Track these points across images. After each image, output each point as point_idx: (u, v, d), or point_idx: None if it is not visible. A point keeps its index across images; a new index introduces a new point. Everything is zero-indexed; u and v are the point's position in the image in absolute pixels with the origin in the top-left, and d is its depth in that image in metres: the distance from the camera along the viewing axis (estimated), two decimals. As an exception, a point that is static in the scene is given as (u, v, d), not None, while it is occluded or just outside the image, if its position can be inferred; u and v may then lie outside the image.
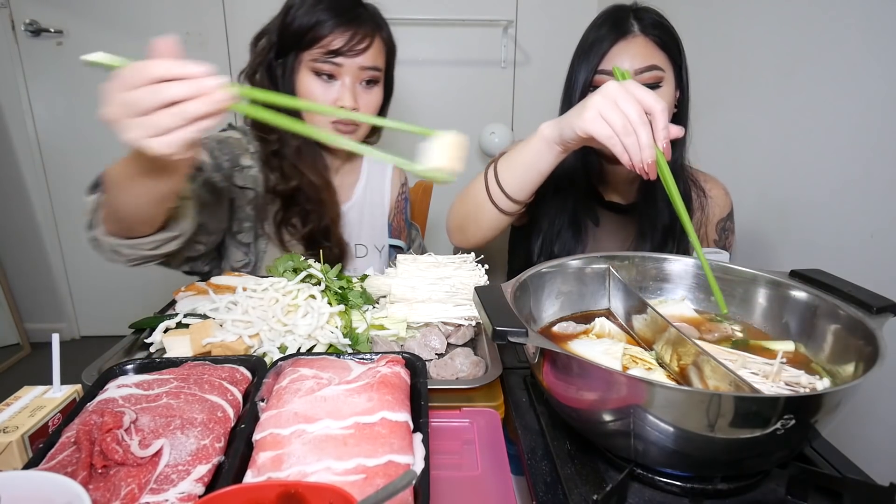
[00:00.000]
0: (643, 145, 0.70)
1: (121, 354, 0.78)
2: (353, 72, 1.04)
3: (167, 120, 0.56)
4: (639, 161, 0.71)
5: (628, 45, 0.99)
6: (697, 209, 1.12)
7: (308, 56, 1.03)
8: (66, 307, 2.57)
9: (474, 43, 2.36)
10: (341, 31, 1.01)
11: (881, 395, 1.06)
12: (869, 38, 1.08)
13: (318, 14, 1.01)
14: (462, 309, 0.85)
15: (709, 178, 1.16)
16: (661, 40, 1.00)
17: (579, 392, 0.55)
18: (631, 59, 0.99)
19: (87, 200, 0.85)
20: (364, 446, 0.49)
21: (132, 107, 0.56)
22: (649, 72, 0.99)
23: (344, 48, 1.01)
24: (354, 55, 1.02)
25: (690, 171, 1.14)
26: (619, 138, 0.71)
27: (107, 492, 0.46)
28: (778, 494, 0.55)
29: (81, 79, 2.27)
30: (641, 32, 1.00)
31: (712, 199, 1.13)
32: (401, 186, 1.34)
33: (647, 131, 0.70)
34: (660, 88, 1.00)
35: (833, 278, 0.68)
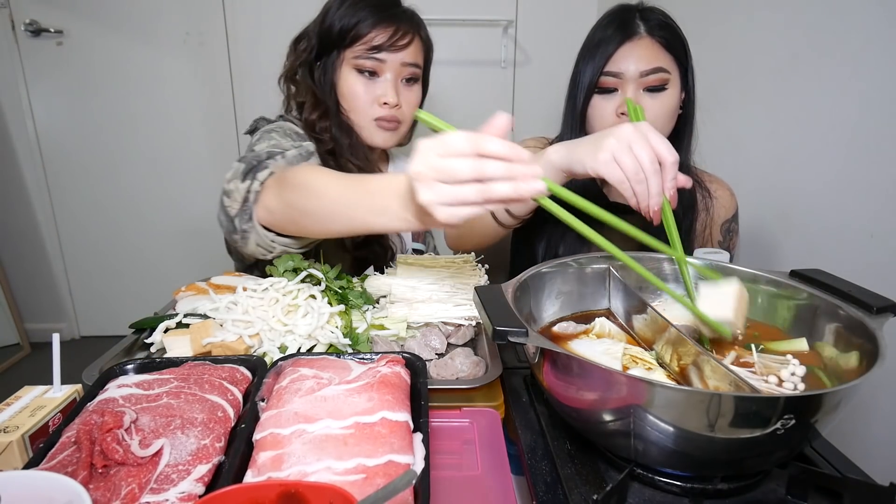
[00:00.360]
0: (652, 193, 0.71)
1: (121, 354, 0.78)
2: (395, 68, 1.05)
3: (471, 194, 0.54)
4: (646, 207, 0.72)
5: (634, 46, 0.99)
6: (702, 210, 1.12)
7: (350, 53, 1.04)
8: (66, 307, 2.57)
9: (474, 43, 2.36)
10: (384, 28, 1.03)
11: (881, 395, 1.06)
12: (869, 37, 1.08)
13: (360, 13, 1.03)
14: (462, 309, 0.85)
15: (714, 179, 1.15)
16: (668, 41, 1.00)
17: (579, 392, 0.55)
18: (637, 61, 0.98)
19: (241, 187, 0.81)
20: (364, 446, 0.49)
21: (445, 172, 0.53)
22: (655, 74, 0.98)
23: (387, 44, 1.03)
24: (396, 51, 1.04)
25: (696, 172, 1.14)
26: (629, 183, 0.71)
27: (107, 491, 0.46)
28: (778, 494, 0.55)
29: (81, 79, 2.28)
30: (648, 34, 1.00)
31: (717, 201, 1.13)
32: None
33: (657, 180, 0.70)
34: (665, 91, 1.00)
35: (833, 278, 0.68)
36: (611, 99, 1.01)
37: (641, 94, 1.00)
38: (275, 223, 0.80)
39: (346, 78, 1.05)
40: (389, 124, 1.08)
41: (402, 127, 1.11)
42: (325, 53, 1.07)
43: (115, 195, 2.39)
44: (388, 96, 1.05)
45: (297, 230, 0.79)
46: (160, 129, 2.36)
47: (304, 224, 0.77)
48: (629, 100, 0.91)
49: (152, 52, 2.28)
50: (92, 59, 2.26)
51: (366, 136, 1.09)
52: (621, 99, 0.99)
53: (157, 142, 2.36)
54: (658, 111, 1.00)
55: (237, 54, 2.29)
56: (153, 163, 2.37)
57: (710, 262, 0.79)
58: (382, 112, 1.06)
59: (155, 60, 2.29)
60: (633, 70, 0.98)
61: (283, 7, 2.19)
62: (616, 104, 1.01)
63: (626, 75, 0.99)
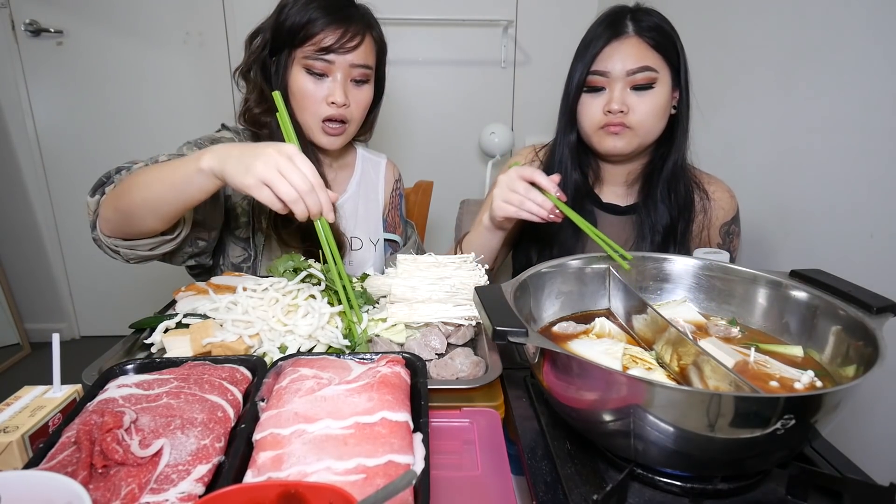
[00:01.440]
0: (541, 204, 0.90)
1: (121, 354, 0.78)
2: (344, 69, 1.05)
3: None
4: (545, 216, 0.90)
5: (621, 45, 1.00)
6: (700, 212, 1.12)
7: (300, 53, 1.05)
8: (66, 307, 2.57)
9: (474, 43, 2.36)
10: (333, 29, 1.03)
11: (881, 395, 1.06)
12: (869, 37, 1.08)
13: (311, 12, 1.02)
14: (462, 309, 0.85)
15: (713, 181, 1.15)
16: (656, 41, 1.01)
17: (579, 392, 0.55)
18: (623, 60, 1.00)
19: (90, 201, 0.90)
20: (364, 446, 0.49)
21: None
22: (642, 73, 1.00)
23: (335, 45, 1.03)
24: (345, 52, 1.04)
25: (693, 173, 1.14)
26: (523, 210, 0.91)
27: (107, 492, 0.46)
28: (778, 494, 0.55)
29: (81, 79, 2.28)
30: (636, 33, 1.01)
31: (715, 202, 1.12)
32: (395, 182, 1.35)
33: (537, 196, 0.91)
34: (653, 89, 1.01)
35: (833, 278, 0.68)
36: (598, 97, 1.03)
37: (629, 93, 1.01)
38: (116, 230, 0.88)
39: (296, 77, 1.06)
40: (336, 128, 1.09)
41: (349, 127, 1.11)
42: (278, 51, 1.07)
43: (115, 195, 2.38)
44: (336, 96, 1.05)
45: (138, 229, 0.87)
46: (160, 128, 2.36)
47: (138, 220, 0.85)
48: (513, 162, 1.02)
49: (152, 52, 2.28)
50: (92, 59, 2.26)
51: (314, 136, 1.10)
52: (609, 96, 1.01)
53: (157, 141, 2.34)
54: (645, 109, 1.01)
55: (237, 54, 2.27)
56: (153, 162, 2.37)
57: (708, 261, 0.79)
58: (331, 111, 1.06)
59: (155, 60, 2.29)
60: (620, 68, 1.00)
61: (283, 7, 2.19)
62: (603, 103, 1.02)
63: (613, 74, 1.01)
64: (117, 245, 0.90)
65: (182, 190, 0.81)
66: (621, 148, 1.04)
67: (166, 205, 0.83)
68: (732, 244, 1.14)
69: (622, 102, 1.01)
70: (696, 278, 0.80)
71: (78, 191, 2.37)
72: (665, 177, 1.08)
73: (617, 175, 1.15)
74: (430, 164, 2.36)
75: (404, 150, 2.39)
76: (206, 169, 0.78)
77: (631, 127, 1.02)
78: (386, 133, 2.32)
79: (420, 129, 2.43)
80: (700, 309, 0.79)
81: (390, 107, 1.24)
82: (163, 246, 0.92)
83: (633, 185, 1.15)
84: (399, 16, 2.16)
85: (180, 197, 0.82)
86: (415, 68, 2.35)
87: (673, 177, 1.08)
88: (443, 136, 2.45)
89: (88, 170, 2.40)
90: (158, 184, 0.82)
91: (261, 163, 0.73)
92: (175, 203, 0.83)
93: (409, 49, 2.31)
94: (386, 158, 1.35)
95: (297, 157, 0.75)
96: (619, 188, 1.16)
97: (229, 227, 1.10)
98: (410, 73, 2.34)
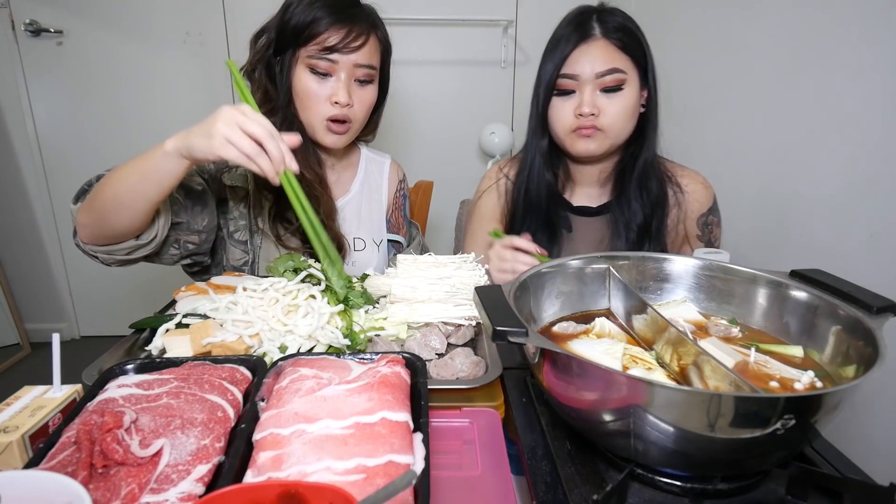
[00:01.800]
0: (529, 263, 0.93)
1: (121, 354, 0.78)
2: (348, 69, 1.05)
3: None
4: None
5: (589, 48, 1.02)
6: (674, 205, 1.13)
7: (305, 52, 1.04)
8: (66, 307, 2.57)
9: (474, 43, 2.36)
10: (337, 29, 1.03)
11: (881, 395, 1.06)
12: (869, 38, 1.08)
13: (316, 11, 1.02)
14: (462, 309, 0.85)
15: (686, 172, 1.15)
16: (624, 43, 1.02)
17: (579, 392, 0.55)
18: (592, 62, 1.01)
19: (73, 208, 0.92)
20: (364, 446, 0.49)
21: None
22: (611, 75, 1.01)
23: (339, 45, 1.03)
24: (349, 52, 1.04)
25: (666, 167, 1.14)
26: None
27: (107, 491, 0.46)
28: (778, 494, 0.55)
29: (81, 79, 2.28)
30: (603, 35, 1.02)
31: (690, 195, 1.13)
32: (398, 183, 1.35)
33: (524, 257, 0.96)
34: (622, 91, 1.03)
35: (833, 278, 0.68)
36: (569, 100, 1.05)
37: (599, 95, 1.03)
38: (94, 236, 0.90)
39: (300, 76, 1.06)
40: (340, 127, 1.09)
41: (353, 126, 1.11)
42: (282, 50, 1.07)
43: (115, 195, 2.38)
44: (340, 96, 1.05)
45: (111, 229, 0.88)
46: (160, 128, 2.33)
47: (112, 218, 0.86)
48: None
49: (152, 52, 2.28)
50: (92, 59, 2.26)
51: (317, 136, 1.10)
52: (580, 99, 1.03)
53: (157, 141, 2.35)
54: (615, 110, 1.03)
55: (237, 54, 2.29)
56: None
57: (708, 261, 0.79)
58: (334, 111, 1.06)
59: (155, 60, 2.29)
60: (589, 71, 1.01)
61: (283, 7, 2.19)
62: (574, 105, 1.04)
63: (583, 77, 1.02)
64: (95, 251, 0.92)
65: (151, 178, 0.84)
66: (594, 150, 1.06)
67: (138, 197, 0.85)
68: (713, 234, 1.14)
69: (593, 105, 1.02)
70: (696, 278, 0.80)
71: (78, 191, 2.38)
72: (637, 174, 1.10)
73: (589, 175, 1.16)
74: (430, 164, 2.36)
75: (404, 150, 2.39)
76: (172, 150, 0.82)
77: (602, 129, 1.04)
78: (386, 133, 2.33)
79: (420, 129, 2.43)
80: (700, 309, 0.79)
81: (390, 107, 1.24)
82: (139, 251, 0.94)
83: (605, 184, 1.16)
84: (400, 16, 2.16)
85: (151, 186, 0.84)
86: (415, 68, 2.35)
87: (644, 174, 1.10)
88: (443, 136, 2.45)
89: (88, 170, 2.39)
90: (129, 176, 0.84)
91: (221, 122, 0.79)
92: (147, 194, 0.85)
93: (410, 49, 2.31)
94: (390, 159, 1.35)
95: (250, 112, 0.82)
96: (592, 188, 1.18)
97: (228, 229, 1.10)
98: (411, 72, 2.34)
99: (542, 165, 1.12)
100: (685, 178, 1.14)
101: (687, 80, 1.67)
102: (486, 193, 1.24)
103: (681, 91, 1.71)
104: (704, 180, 1.15)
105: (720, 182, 1.50)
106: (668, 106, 1.74)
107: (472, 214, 1.27)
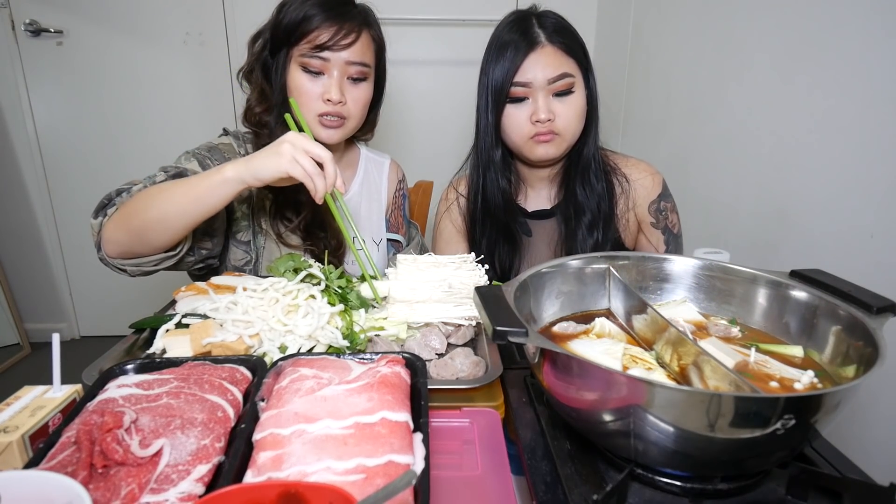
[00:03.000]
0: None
1: (121, 354, 0.78)
2: (340, 66, 1.06)
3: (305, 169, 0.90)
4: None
5: (538, 56, 1.04)
6: (620, 195, 1.15)
7: (297, 51, 1.05)
8: (66, 307, 2.57)
9: (474, 43, 2.35)
10: (328, 26, 1.03)
11: (881, 395, 1.06)
12: (869, 37, 1.08)
13: (307, 9, 1.03)
14: (462, 309, 0.85)
15: (631, 162, 1.18)
16: (567, 46, 1.05)
17: (579, 392, 0.55)
18: (543, 69, 1.03)
19: (94, 223, 0.95)
20: (364, 446, 0.49)
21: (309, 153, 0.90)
22: (561, 80, 1.04)
23: (330, 42, 1.03)
24: (340, 49, 1.04)
25: (611, 159, 1.17)
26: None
27: (107, 492, 0.46)
28: (778, 494, 0.55)
29: (81, 79, 2.28)
30: (548, 41, 1.04)
31: (635, 183, 1.15)
32: (398, 183, 1.35)
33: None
34: (573, 94, 1.05)
35: (833, 278, 0.68)
36: (522, 107, 1.07)
37: (552, 100, 1.05)
38: (126, 251, 0.94)
39: (293, 75, 1.06)
40: (333, 121, 1.09)
41: (348, 123, 1.11)
42: (277, 50, 1.08)
43: (115, 195, 2.38)
44: (332, 93, 1.05)
45: (149, 246, 0.93)
46: (160, 128, 2.35)
47: (151, 237, 0.91)
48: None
49: (152, 52, 2.28)
50: (92, 59, 2.26)
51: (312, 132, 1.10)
52: (534, 106, 1.05)
53: (157, 141, 2.36)
54: (569, 113, 1.05)
55: (237, 54, 2.28)
56: (153, 162, 2.35)
57: (708, 261, 0.79)
58: (326, 108, 1.07)
59: (155, 60, 2.29)
60: (541, 78, 1.03)
61: (283, 7, 2.19)
62: (528, 112, 1.06)
63: (535, 84, 1.04)
64: (123, 265, 0.96)
65: (204, 202, 0.89)
66: (553, 154, 1.08)
67: (186, 218, 0.90)
68: (669, 221, 1.16)
69: (548, 110, 1.04)
70: (696, 278, 0.80)
71: (78, 191, 2.39)
72: (579, 171, 1.13)
73: (541, 178, 1.19)
74: (430, 164, 2.35)
75: (404, 150, 2.39)
76: (233, 177, 0.88)
77: (559, 133, 1.06)
78: (386, 133, 2.32)
79: (420, 129, 2.43)
80: (700, 309, 0.79)
81: (390, 107, 1.24)
82: (165, 262, 0.98)
83: (554, 183, 1.19)
84: (399, 16, 2.16)
85: (200, 209, 0.90)
86: (415, 68, 2.35)
87: (586, 169, 1.12)
88: (443, 136, 2.44)
89: (88, 170, 2.42)
90: (179, 199, 0.89)
91: (287, 144, 0.87)
92: (194, 215, 0.90)
93: (409, 49, 2.30)
94: (389, 159, 1.35)
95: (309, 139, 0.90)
96: (544, 189, 1.20)
97: (231, 230, 1.11)
98: (410, 73, 2.34)
99: (496, 176, 1.14)
100: (629, 168, 1.16)
101: (687, 80, 1.67)
102: (445, 217, 1.27)
103: (681, 91, 1.71)
104: (650, 167, 1.17)
105: (720, 182, 1.50)
106: (669, 106, 1.75)
107: (437, 240, 1.29)
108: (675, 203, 1.18)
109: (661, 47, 1.84)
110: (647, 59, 1.92)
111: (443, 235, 1.27)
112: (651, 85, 1.89)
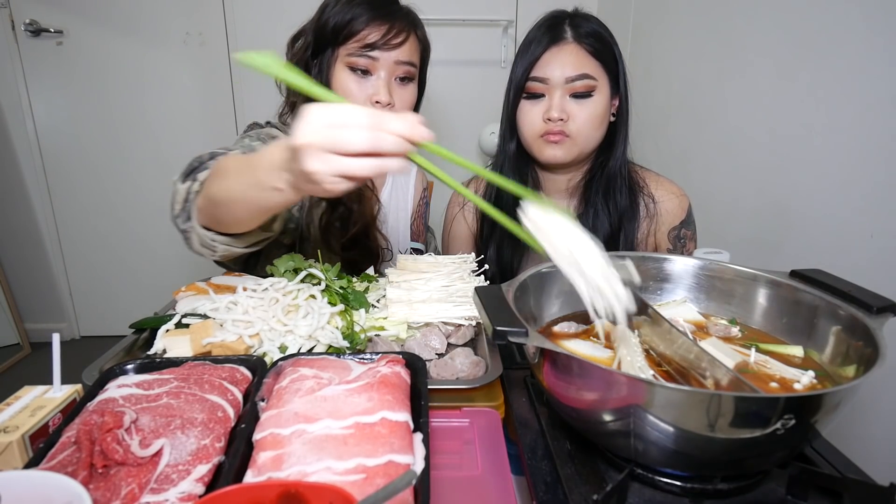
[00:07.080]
0: None
1: (121, 354, 0.78)
2: (389, 66, 1.04)
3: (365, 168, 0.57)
4: None
5: (560, 51, 1.01)
6: (645, 217, 1.10)
7: (344, 51, 1.03)
8: (66, 307, 2.57)
9: (474, 43, 2.36)
10: (377, 25, 1.01)
11: (881, 395, 1.06)
12: (869, 37, 1.08)
13: (355, 9, 1.01)
14: (462, 309, 0.85)
15: (662, 183, 1.12)
16: (595, 49, 1.01)
17: (579, 392, 0.55)
18: (562, 67, 1.00)
19: (181, 188, 0.80)
20: (364, 446, 0.49)
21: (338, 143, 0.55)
22: (581, 80, 1.00)
23: (380, 41, 1.01)
24: (390, 49, 1.02)
25: (641, 175, 1.12)
26: None
27: (107, 491, 0.46)
28: (778, 494, 0.55)
29: (81, 79, 2.28)
30: (574, 40, 1.01)
31: (662, 205, 1.10)
32: (423, 191, 1.34)
33: None
34: (591, 97, 1.02)
35: (833, 278, 0.68)
36: (538, 104, 1.04)
37: (568, 100, 1.02)
38: (205, 221, 0.78)
39: (339, 76, 1.04)
40: None
41: None
42: (320, 51, 1.06)
43: (115, 195, 2.39)
44: (381, 94, 1.03)
45: (218, 223, 0.77)
46: (160, 128, 2.36)
47: (219, 215, 0.75)
48: None
49: (152, 52, 2.28)
50: (92, 59, 2.26)
51: None
52: (549, 104, 1.02)
53: (157, 141, 2.36)
54: (584, 116, 1.02)
55: (237, 54, 2.28)
56: (153, 162, 2.37)
57: (708, 261, 0.79)
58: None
59: (155, 60, 2.29)
60: (559, 76, 1.00)
61: (284, 7, 2.19)
62: (543, 109, 1.03)
63: (552, 81, 1.01)
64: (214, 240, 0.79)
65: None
66: (561, 157, 1.05)
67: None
68: (686, 249, 1.11)
69: (562, 110, 1.01)
70: (696, 278, 0.80)
71: (78, 191, 2.39)
72: (604, 185, 1.08)
73: (558, 184, 1.14)
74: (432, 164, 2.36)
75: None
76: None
77: (570, 136, 1.03)
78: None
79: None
80: (700, 309, 0.79)
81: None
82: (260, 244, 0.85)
83: (573, 194, 1.15)
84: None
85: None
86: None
87: (612, 184, 1.08)
88: (443, 136, 2.45)
89: (88, 170, 2.43)
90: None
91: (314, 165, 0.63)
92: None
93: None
94: (416, 167, 1.34)
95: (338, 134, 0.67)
96: (560, 199, 1.16)
97: None
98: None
99: (510, 169, 1.12)
100: (659, 189, 1.11)
101: (687, 80, 1.67)
102: (457, 219, 1.25)
103: (681, 91, 1.71)
104: (679, 190, 1.12)
105: (720, 182, 1.50)
106: (669, 106, 1.75)
107: (448, 243, 1.27)
108: (696, 230, 1.12)
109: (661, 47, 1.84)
110: (648, 59, 1.92)
111: (454, 239, 1.25)
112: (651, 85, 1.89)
